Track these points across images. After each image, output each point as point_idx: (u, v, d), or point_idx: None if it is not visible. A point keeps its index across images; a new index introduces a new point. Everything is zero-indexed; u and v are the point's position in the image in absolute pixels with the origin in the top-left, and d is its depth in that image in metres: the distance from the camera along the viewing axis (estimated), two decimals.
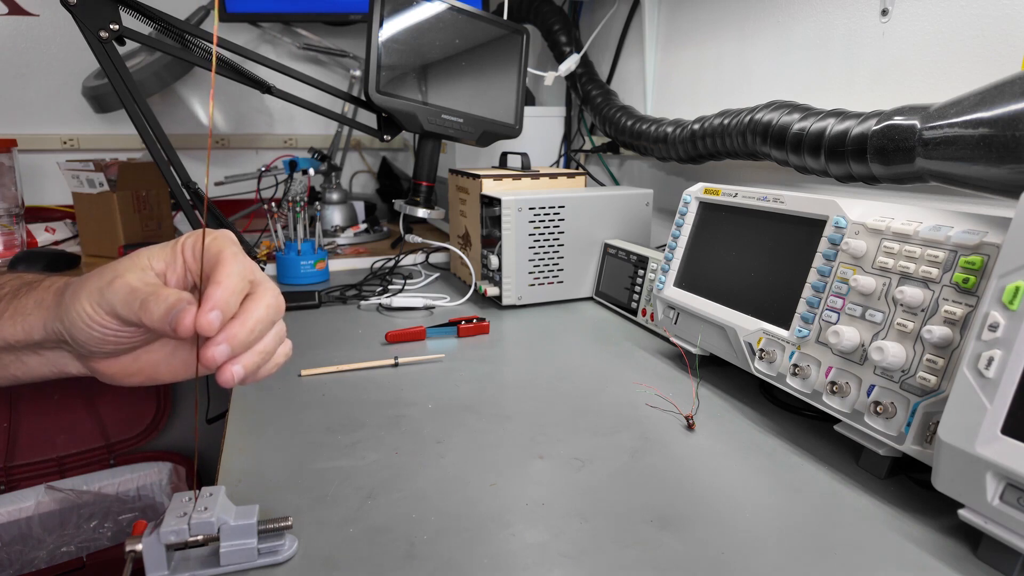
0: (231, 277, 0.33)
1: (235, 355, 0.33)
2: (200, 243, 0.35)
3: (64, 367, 0.39)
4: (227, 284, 0.33)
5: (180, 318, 0.32)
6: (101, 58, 0.69)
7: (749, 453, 0.52)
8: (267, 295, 0.35)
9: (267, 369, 0.37)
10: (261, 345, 0.35)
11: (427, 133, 0.85)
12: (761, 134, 0.74)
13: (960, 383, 0.38)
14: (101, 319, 0.34)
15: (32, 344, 0.37)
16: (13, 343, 0.37)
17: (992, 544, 0.37)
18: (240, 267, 0.34)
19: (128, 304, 0.33)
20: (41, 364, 0.39)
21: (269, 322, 0.35)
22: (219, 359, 0.33)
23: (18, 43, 1.40)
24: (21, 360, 0.39)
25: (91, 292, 0.34)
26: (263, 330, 0.35)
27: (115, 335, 0.35)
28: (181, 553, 0.38)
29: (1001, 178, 0.45)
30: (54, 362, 0.39)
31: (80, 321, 0.34)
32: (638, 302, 0.86)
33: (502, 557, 0.39)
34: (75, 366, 0.39)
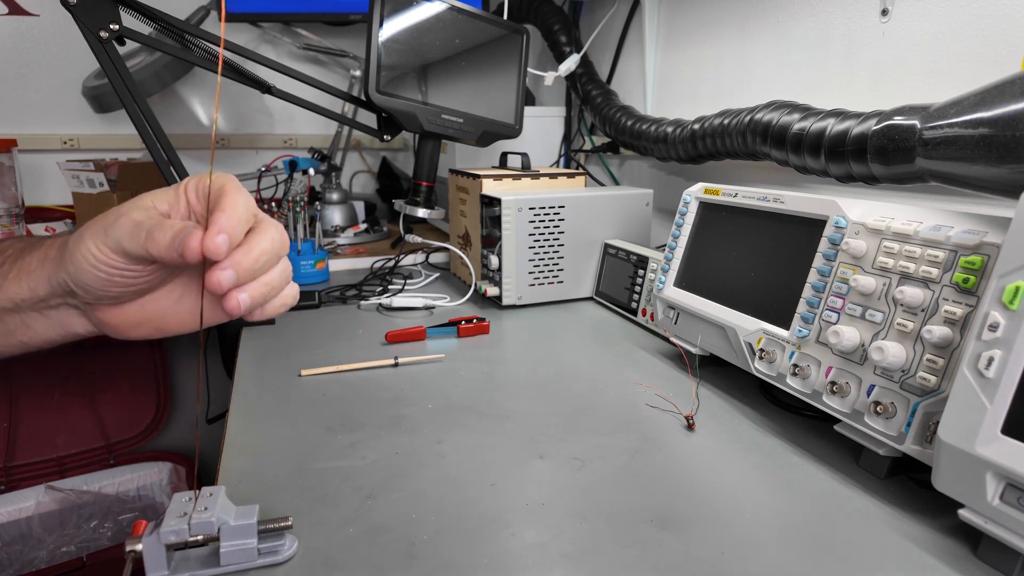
0: (236, 207, 0.33)
1: (241, 283, 0.34)
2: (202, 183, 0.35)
3: (70, 326, 0.39)
4: (232, 212, 0.33)
5: (187, 241, 0.31)
6: (101, 58, 0.69)
7: (749, 453, 0.52)
8: (271, 229, 0.35)
9: (274, 307, 0.36)
10: (267, 277, 0.35)
11: (427, 133, 0.85)
12: (761, 134, 0.74)
13: (960, 383, 0.38)
14: (107, 257, 0.34)
15: (37, 302, 0.37)
16: (19, 302, 0.37)
17: (992, 544, 0.37)
18: (245, 200, 0.34)
19: (133, 236, 0.33)
20: (47, 327, 0.39)
21: (274, 255, 0.35)
22: (225, 283, 0.33)
23: (18, 43, 1.40)
24: (27, 325, 0.39)
25: (95, 233, 0.34)
26: (268, 262, 0.35)
27: (121, 275, 0.35)
28: (181, 553, 0.38)
29: (1001, 178, 0.45)
30: (60, 322, 0.39)
31: (86, 263, 0.34)
32: (638, 302, 0.86)
33: (502, 557, 0.39)
34: (81, 324, 0.39)
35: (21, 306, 0.38)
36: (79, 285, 0.35)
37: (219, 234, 0.32)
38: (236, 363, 0.72)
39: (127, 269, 0.35)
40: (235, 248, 0.33)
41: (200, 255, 0.32)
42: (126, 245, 0.33)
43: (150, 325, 0.39)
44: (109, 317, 0.38)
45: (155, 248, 0.32)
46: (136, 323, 0.38)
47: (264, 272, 0.35)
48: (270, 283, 0.35)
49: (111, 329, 0.39)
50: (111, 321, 0.38)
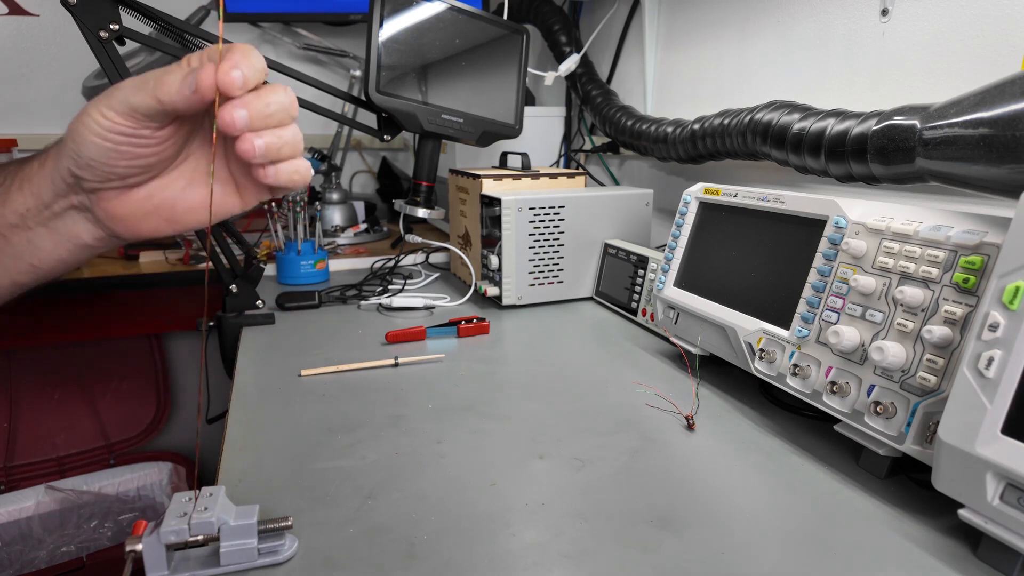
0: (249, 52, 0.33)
1: (253, 127, 0.33)
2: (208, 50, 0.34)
3: (78, 236, 0.38)
4: (246, 53, 0.32)
5: (200, 75, 0.31)
6: (101, 58, 0.68)
7: (749, 453, 0.52)
8: (281, 88, 0.35)
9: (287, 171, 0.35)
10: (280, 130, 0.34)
11: (427, 133, 0.85)
12: (761, 134, 0.74)
13: (960, 383, 0.38)
14: (113, 122, 0.33)
15: (43, 210, 0.37)
16: (24, 212, 0.37)
17: (992, 544, 0.37)
18: (258, 55, 0.33)
19: (140, 88, 0.32)
20: (55, 242, 0.38)
21: (284, 109, 0.34)
22: (239, 123, 0.32)
23: (18, 43, 1.40)
24: (33, 243, 0.38)
25: (98, 102, 0.33)
26: (279, 114, 0.34)
27: (129, 142, 0.34)
28: (181, 553, 0.38)
29: (1001, 178, 0.45)
30: (67, 234, 0.38)
31: (91, 133, 0.33)
32: (638, 302, 0.86)
33: (502, 557, 0.39)
34: (89, 231, 0.38)
35: (27, 218, 0.37)
36: (84, 163, 0.34)
37: (234, 69, 0.31)
38: (236, 363, 0.72)
39: (135, 134, 0.33)
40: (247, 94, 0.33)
41: (214, 89, 0.31)
42: (133, 100, 0.32)
43: (160, 216, 0.38)
44: (117, 207, 0.37)
45: (166, 92, 0.31)
46: (145, 213, 0.37)
47: (276, 124, 0.34)
48: (282, 136, 0.34)
49: (120, 223, 0.37)
50: (119, 212, 0.37)
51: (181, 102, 0.32)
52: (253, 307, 0.86)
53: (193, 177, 0.38)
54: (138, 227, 0.38)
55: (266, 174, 0.35)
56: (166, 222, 0.38)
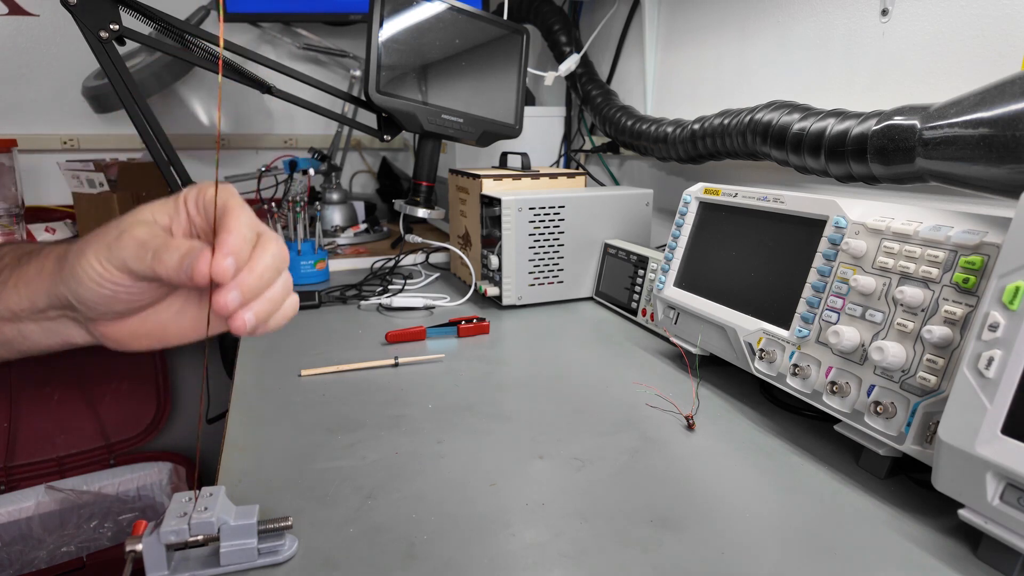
0: (241, 226, 0.34)
1: (245, 302, 0.34)
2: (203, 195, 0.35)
3: (68, 337, 0.39)
4: (238, 232, 0.33)
5: (196, 265, 0.32)
6: (101, 58, 0.69)
7: (749, 453, 0.52)
8: (272, 244, 0.35)
9: (276, 320, 0.37)
10: (270, 293, 0.35)
11: (427, 133, 0.85)
12: (761, 134, 0.74)
13: (960, 383, 0.38)
14: (111, 275, 0.34)
15: (36, 312, 0.37)
16: (18, 312, 0.37)
17: (992, 544, 0.37)
18: (248, 216, 0.35)
19: (139, 257, 0.33)
20: (44, 336, 0.39)
21: (275, 270, 0.35)
22: (231, 306, 0.33)
23: (18, 43, 1.40)
24: (23, 335, 0.39)
25: (98, 250, 0.34)
26: (271, 277, 0.35)
27: (126, 291, 0.35)
28: (181, 553, 0.38)
29: (1001, 178, 0.45)
30: (58, 333, 0.39)
31: (88, 279, 0.34)
32: (638, 302, 0.86)
33: (502, 557, 0.39)
34: (80, 335, 0.39)
35: (19, 316, 0.38)
36: (81, 301, 0.35)
37: (227, 257, 0.32)
38: (236, 363, 0.72)
39: (132, 286, 0.34)
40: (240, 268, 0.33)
41: (209, 279, 0.32)
42: (132, 265, 0.33)
43: (151, 337, 0.39)
44: (109, 331, 0.38)
45: (163, 269, 0.32)
46: (136, 336, 0.38)
47: (267, 288, 0.35)
48: (272, 299, 0.36)
49: (111, 341, 0.39)
50: (111, 335, 0.38)
51: (177, 281, 0.33)
52: None
53: (185, 304, 0.39)
54: (128, 345, 0.39)
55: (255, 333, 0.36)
56: (157, 341, 0.39)
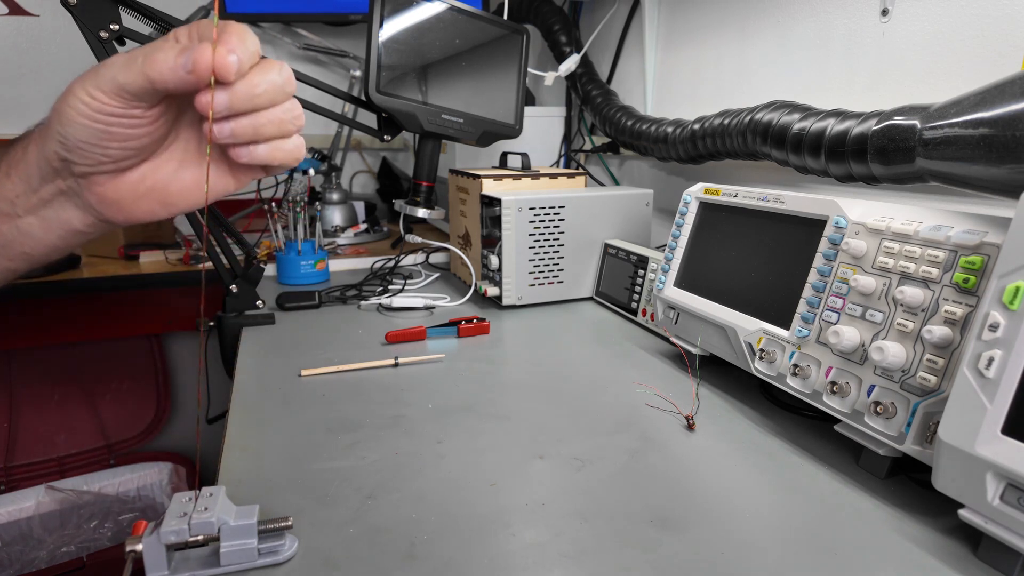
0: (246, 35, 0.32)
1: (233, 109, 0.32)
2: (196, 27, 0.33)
3: (68, 222, 0.37)
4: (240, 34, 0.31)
5: (197, 56, 0.30)
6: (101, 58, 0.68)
7: (749, 453, 0.52)
8: (275, 64, 0.34)
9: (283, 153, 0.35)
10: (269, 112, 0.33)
11: (427, 133, 0.85)
12: (761, 134, 0.74)
13: (960, 383, 0.38)
14: (101, 103, 0.31)
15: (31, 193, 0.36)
16: (12, 199, 0.36)
17: (992, 544, 0.37)
18: (252, 36, 0.33)
19: (129, 66, 0.31)
20: (44, 229, 0.37)
21: (277, 87, 0.33)
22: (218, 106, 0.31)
23: (18, 43, 1.40)
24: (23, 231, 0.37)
25: (83, 82, 0.32)
26: (275, 93, 0.33)
27: (119, 122, 0.32)
28: (181, 553, 0.38)
29: (1001, 178, 0.45)
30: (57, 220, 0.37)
31: (78, 115, 0.32)
32: (638, 302, 0.86)
33: (502, 557, 0.39)
34: (79, 217, 0.37)
35: (16, 205, 0.36)
36: (72, 145, 0.33)
37: (230, 53, 0.30)
38: (236, 363, 0.72)
39: (125, 114, 0.32)
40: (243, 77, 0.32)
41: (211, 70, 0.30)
42: (121, 78, 0.31)
43: (153, 198, 0.37)
44: (109, 191, 0.36)
45: (157, 71, 0.30)
46: (138, 196, 0.36)
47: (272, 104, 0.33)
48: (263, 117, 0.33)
49: (112, 207, 0.36)
50: (111, 196, 0.36)
51: (174, 81, 0.31)
52: (253, 307, 0.86)
53: (185, 157, 0.37)
54: (131, 211, 0.37)
55: (238, 154, 0.34)
56: (160, 204, 0.37)
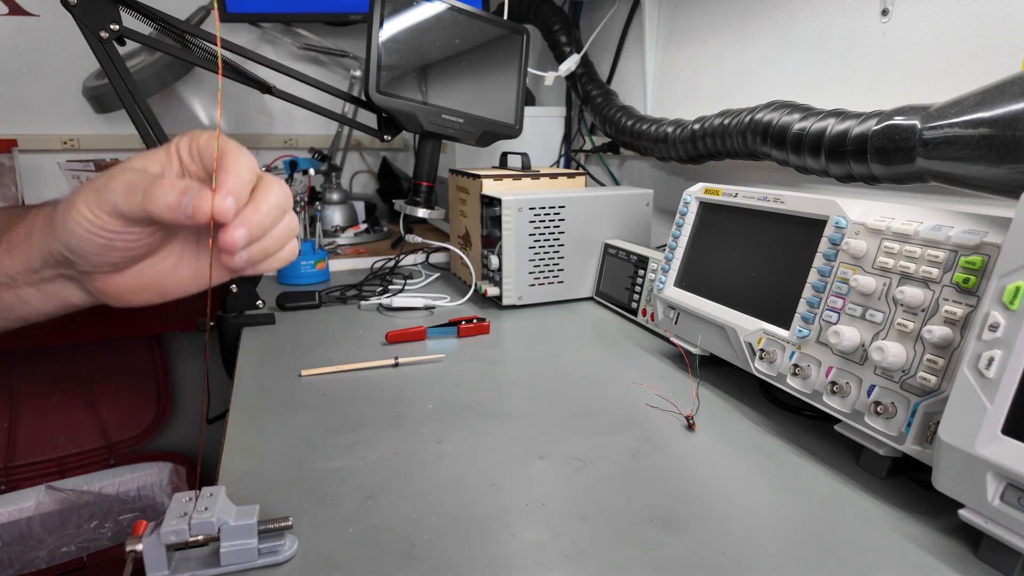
0: (240, 166, 0.33)
1: (252, 240, 0.33)
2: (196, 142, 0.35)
3: (67, 298, 0.38)
4: (237, 172, 0.33)
5: (198, 202, 0.31)
6: (101, 58, 0.68)
7: (749, 453, 0.52)
8: (275, 184, 0.35)
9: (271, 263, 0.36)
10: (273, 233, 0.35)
11: (427, 133, 0.85)
12: (761, 134, 0.74)
13: (960, 383, 0.38)
14: (102, 221, 0.33)
15: (32, 273, 0.37)
16: (13, 275, 0.37)
17: (992, 544, 0.37)
18: (247, 158, 0.34)
19: (129, 197, 0.32)
20: (43, 300, 0.38)
21: (279, 210, 0.35)
22: (240, 242, 0.32)
23: (18, 43, 1.40)
24: (22, 300, 0.38)
25: (87, 198, 0.33)
26: (276, 217, 0.35)
27: (120, 238, 0.34)
28: (181, 553, 0.38)
29: (1001, 178, 0.45)
30: (56, 295, 0.38)
31: (80, 228, 0.33)
32: (638, 302, 0.86)
33: (502, 557, 0.39)
34: (78, 295, 0.38)
35: (16, 280, 0.37)
36: (75, 253, 0.34)
37: (228, 196, 0.32)
38: (236, 363, 0.72)
39: (125, 232, 0.33)
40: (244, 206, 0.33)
41: (209, 217, 0.31)
42: (121, 206, 0.32)
43: (150, 290, 0.38)
44: (107, 285, 0.37)
45: (155, 208, 0.31)
46: (135, 289, 0.37)
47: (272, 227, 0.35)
48: (274, 239, 0.35)
49: (110, 297, 0.38)
50: (109, 289, 0.37)
51: (172, 220, 0.32)
52: (253, 307, 0.86)
53: (183, 254, 0.38)
54: (128, 300, 0.38)
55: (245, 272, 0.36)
56: (156, 295, 0.39)
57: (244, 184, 0.33)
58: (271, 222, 0.34)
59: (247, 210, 0.33)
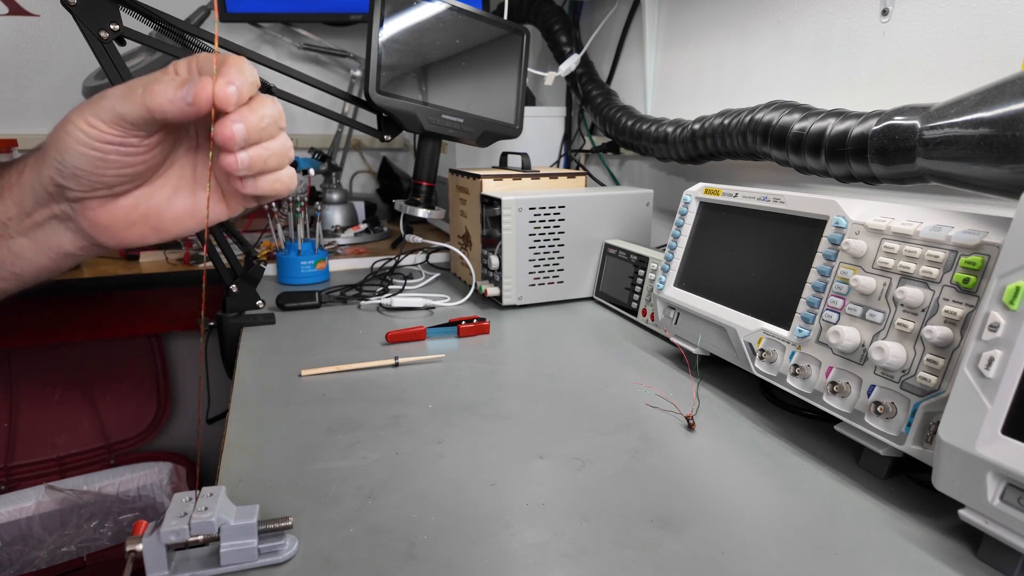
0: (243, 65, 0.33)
1: (248, 140, 0.33)
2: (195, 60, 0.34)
3: (60, 246, 0.38)
4: (239, 67, 0.32)
5: (198, 88, 0.31)
6: (101, 58, 0.68)
7: (749, 453, 0.52)
8: (269, 99, 0.35)
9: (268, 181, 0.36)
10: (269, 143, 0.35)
11: (427, 133, 0.85)
12: (761, 134, 0.74)
13: (960, 383, 0.38)
14: (100, 129, 0.32)
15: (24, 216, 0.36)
16: (5, 221, 0.36)
17: (992, 544, 0.37)
18: (249, 63, 0.34)
19: (129, 97, 0.32)
20: (36, 251, 0.38)
21: (275, 120, 0.34)
22: (238, 137, 0.32)
23: (18, 43, 1.40)
24: (14, 252, 0.38)
25: (83, 110, 0.32)
26: (271, 126, 0.34)
27: (116, 150, 0.33)
28: (181, 553, 0.38)
29: (1001, 178, 0.45)
30: (49, 243, 0.37)
31: (76, 143, 0.32)
32: (638, 302, 0.86)
33: (502, 557, 0.39)
34: (71, 240, 0.38)
35: (8, 227, 0.36)
36: (69, 172, 0.33)
37: (230, 84, 0.31)
38: (236, 363, 0.72)
39: (123, 143, 0.33)
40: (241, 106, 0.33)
41: (211, 102, 0.31)
42: (121, 108, 0.32)
43: (146, 224, 0.37)
44: (102, 216, 0.36)
45: (157, 102, 0.31)
46: (131, 222, 0.37)
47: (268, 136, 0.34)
48: (270, 148, 0.35)
49: (104, 232, 0.37)
50: (103, 221, 0.36)
51: (173, 112, 0.31)
52: (253, 307, 0.86)
53: (179, 184, 0.38)
54: (123, 236, 0.37)
55: (244, 185, 0.35)
56: (152, 230, 0.38)
57: (246, 81, 0.32)
58: (267, 128, 0.34)
59: (243, 110, 0.33)
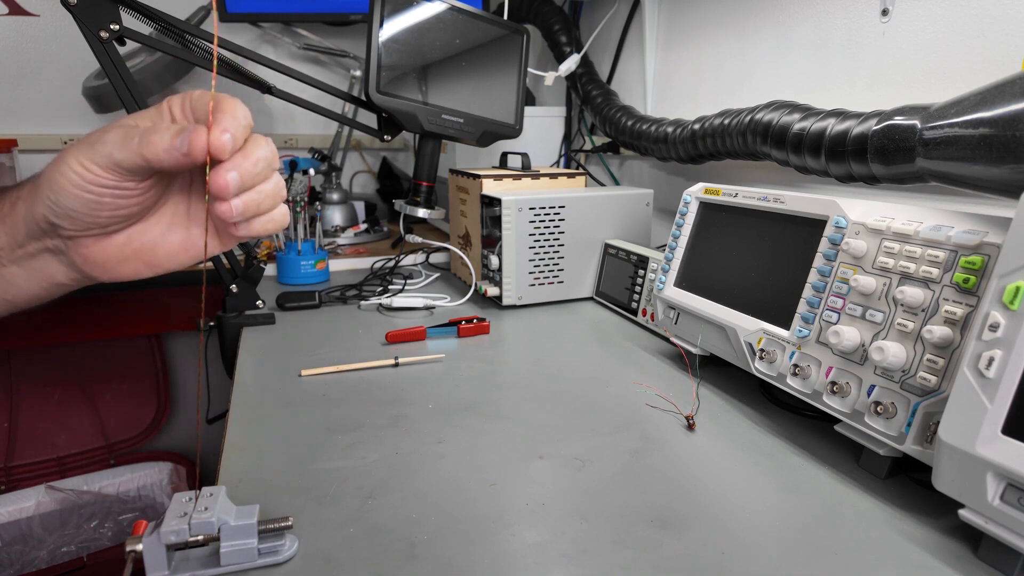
0: (237, 110, 0.33)
1: (243, 187, 0.33)
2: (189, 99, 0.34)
3: (52, 276, 0.38)
4: (234, 114, 0.33)
5: (193, 139, 0.31)
6: (101, 58, 0.69)
7: (749, 453, 0.52)
8: (263, 140, 0.35)
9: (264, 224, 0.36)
10: (263, 186, 0.35)
11: (427, 133, 0.85)
12: (761, 134, 0.74)
13: (960, 383, 0.38)
14: (94, 174, 0.32)
15: (16, 247, 0.36)
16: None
17: (992, 544, 0.37)
18: (242, 107, 0.34)
19: (125, 144, 0.32)
20: (28, 280, 0.38)
21: (268, 163, 0.35)
22: (232, 186, 0.32)
23: (18, 43, 1.40)
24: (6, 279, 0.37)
25: (78, 152, 0.32)
26: (264, 169, 0.34)
27: (111, 194, 0.33)
28: (181, 553, 0.38)
29: (1001, 178, 0.45)
30: (41, 273, 0.37)
31: (71, 184, 0.32)
32: (638, 302, 0.86)
33: (502, 557, 0.39)
34: (63, 272, 0.37)
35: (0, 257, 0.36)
36: (62, 212, 0.33)
37: (224, 133, 0.31)
38: (236, 363, 0.72)
39: (118, 186, 0.33)
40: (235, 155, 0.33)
41: (206, 153, 0.31)
42: (117, 155, 0.32)
43: (139, 260, 0.37)
44: (95, 252, 0.36)
45: (153, 152, 0.31)
46: (124, 258, 0.37)
47: (262, 180, 0.35)
48: (263, 192, 0.35)
49: (97, 267, 0.37)
50: (96, 257, 0.36)
51: (169, 162, 0.32)
52: (253, 307, 0.86)
53: (173, 220, 0.38)
54: (116, 271, 0.37)
55: (238, 228, 0.35)
56: (146, 265, 0.38)
57: (240, 127, 0.33)
58: (261, 172, 0.34)
59: (237, 156, 0.33)
